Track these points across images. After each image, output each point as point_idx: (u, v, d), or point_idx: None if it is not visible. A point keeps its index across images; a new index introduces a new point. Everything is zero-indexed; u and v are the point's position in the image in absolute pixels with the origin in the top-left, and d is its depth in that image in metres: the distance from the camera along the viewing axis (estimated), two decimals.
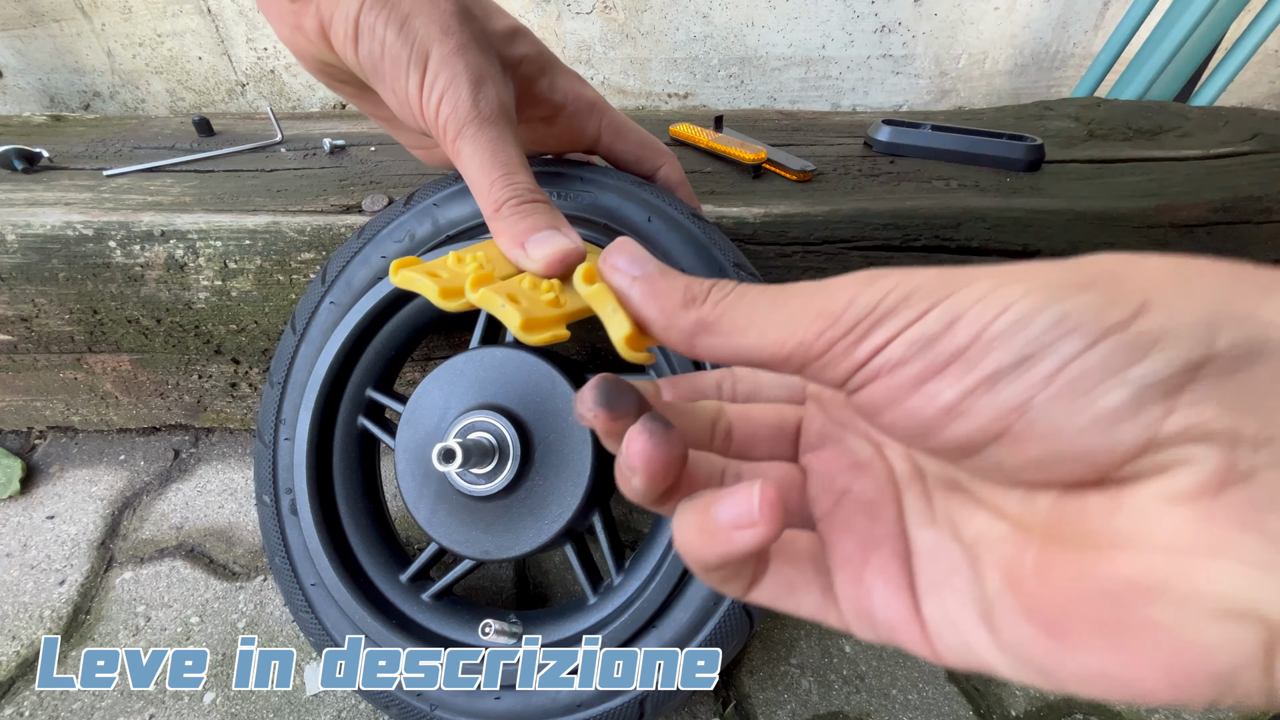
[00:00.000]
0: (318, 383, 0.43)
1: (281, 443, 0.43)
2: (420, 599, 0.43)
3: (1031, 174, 0.59)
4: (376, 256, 0.43)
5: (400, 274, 0.25)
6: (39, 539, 0.56)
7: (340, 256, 0.43)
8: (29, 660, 0.48)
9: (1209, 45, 1.03)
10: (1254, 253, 0.54)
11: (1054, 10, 1.18)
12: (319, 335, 0.43)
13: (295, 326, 0.44)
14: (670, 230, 0.39)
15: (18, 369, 0.58)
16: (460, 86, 0.30)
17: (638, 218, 0.39)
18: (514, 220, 0.28)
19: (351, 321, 0.42)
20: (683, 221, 0.39)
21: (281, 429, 0.43)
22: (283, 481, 0.43)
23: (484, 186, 0.30)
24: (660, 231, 0.39)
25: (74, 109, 1.20)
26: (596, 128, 0.38)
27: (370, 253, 0.43)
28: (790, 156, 0.58)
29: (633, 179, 0.40)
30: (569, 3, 1.12)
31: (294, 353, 0.44)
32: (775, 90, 1.24)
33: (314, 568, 0.42)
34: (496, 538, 0.38)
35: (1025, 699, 0.47)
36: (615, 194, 0.39)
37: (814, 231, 0.52)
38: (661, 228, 0.39)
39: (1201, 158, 0.61)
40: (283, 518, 0.43)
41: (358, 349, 0.44)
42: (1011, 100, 1.28)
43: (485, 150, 0.30)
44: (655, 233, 0.39)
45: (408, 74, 0.31)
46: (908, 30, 1.18)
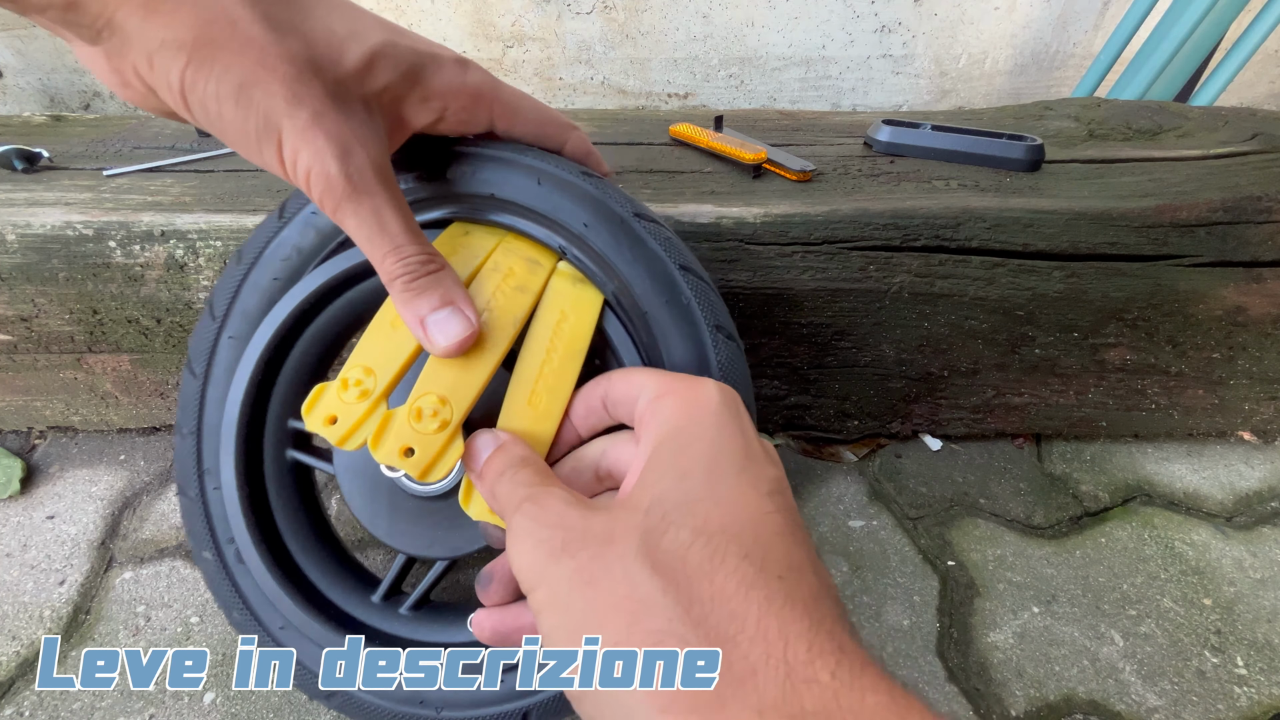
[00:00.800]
0: (232, 426, 0.39)
1: (210, 493, 0.40)
2: (399, 614, 0.41)
3: (1031, 174, 0.59)
4: (267, 279, 0.39)
5: (310, 423, 0.30)
6: (39, 539, 0.56)
7: (225, 286, 0.40)
8: (29, 660, 0.48)
9: (1209, 45, 1.03)
10: (1254, 252, 0.54)
11: (1054, 10, 1.18)
12: (223, 375, 0.40)
13: (194, 369, 0.40)
14: (560, 191, 0.36)
15: (18, 369, 0.58)
16: (326, 160, 0.27)
17: (526, 183, 0.37)
18: (409, 298, 0.29)
19: (255, 354, 0.39)
20: (573, 180, 0.36)
21: (207, 479, 0.40)
22: (221, 532, 0.40)
23: (376, 259, 0.30)
24: (551, 193, 0.36)
25: (74, 109, 1.20)
26: (487, 117, 0.35)
27: (258, 276, 0.39)
28: (790, 156, 0.58)
29: (519, 148, 0.37)
30: (569, 3, 1.12)
31: (200, 398, 0.40)
32: (775, 90, 1.24)
33: (278, 612, 0.39)
34: (465, 532, 0.37)
35: (1025, 699, 0.47)
36: (502, 165, 0.37)
37: (814, 231, 0.52)
38: (552, 189, 0.36)
39: (1202, 158, 0.61)
40: (230, 569, 0.40)
41: (268, 380, 0.41)
42: (1011, 100, 1.28)
43: (367, 224, 0.29)
44: (547, 195, 0.36)
45: (260, 149, 0.27)
46: (908, 30, 1.18)
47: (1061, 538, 0.58)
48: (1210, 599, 0.53)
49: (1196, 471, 0.64)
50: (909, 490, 0.61)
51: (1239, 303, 0.56)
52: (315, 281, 0.38)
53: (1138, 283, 0.55)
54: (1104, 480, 0.63)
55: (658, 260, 0.35)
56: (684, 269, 0.36)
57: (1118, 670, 0.48)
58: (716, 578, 0.20)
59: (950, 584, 0.54)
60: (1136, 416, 0.63)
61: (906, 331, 0.56)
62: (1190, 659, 0.49)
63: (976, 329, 0.56)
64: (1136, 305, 0.55)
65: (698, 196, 0.53)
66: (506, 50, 1.17)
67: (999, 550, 0.56)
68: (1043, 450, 0.66)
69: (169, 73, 0.25)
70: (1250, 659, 0.49)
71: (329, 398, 0.31)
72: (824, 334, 0.56)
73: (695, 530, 0.21)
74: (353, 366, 0.31)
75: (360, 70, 0.28)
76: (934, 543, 0.57)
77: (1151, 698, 0.47)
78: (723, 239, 0.51)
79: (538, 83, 1.21)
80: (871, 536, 0.57)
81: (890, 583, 0.54)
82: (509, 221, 0.36)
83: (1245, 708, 0.46)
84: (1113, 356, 0.58)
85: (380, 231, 0.29)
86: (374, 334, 0.32)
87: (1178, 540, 0.58)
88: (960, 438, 0.66)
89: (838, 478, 0.63)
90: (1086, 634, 0.50)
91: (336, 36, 0.28)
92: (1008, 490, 0.62)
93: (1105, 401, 0.62)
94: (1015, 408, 0.62)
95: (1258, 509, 0.61)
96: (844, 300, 0.54)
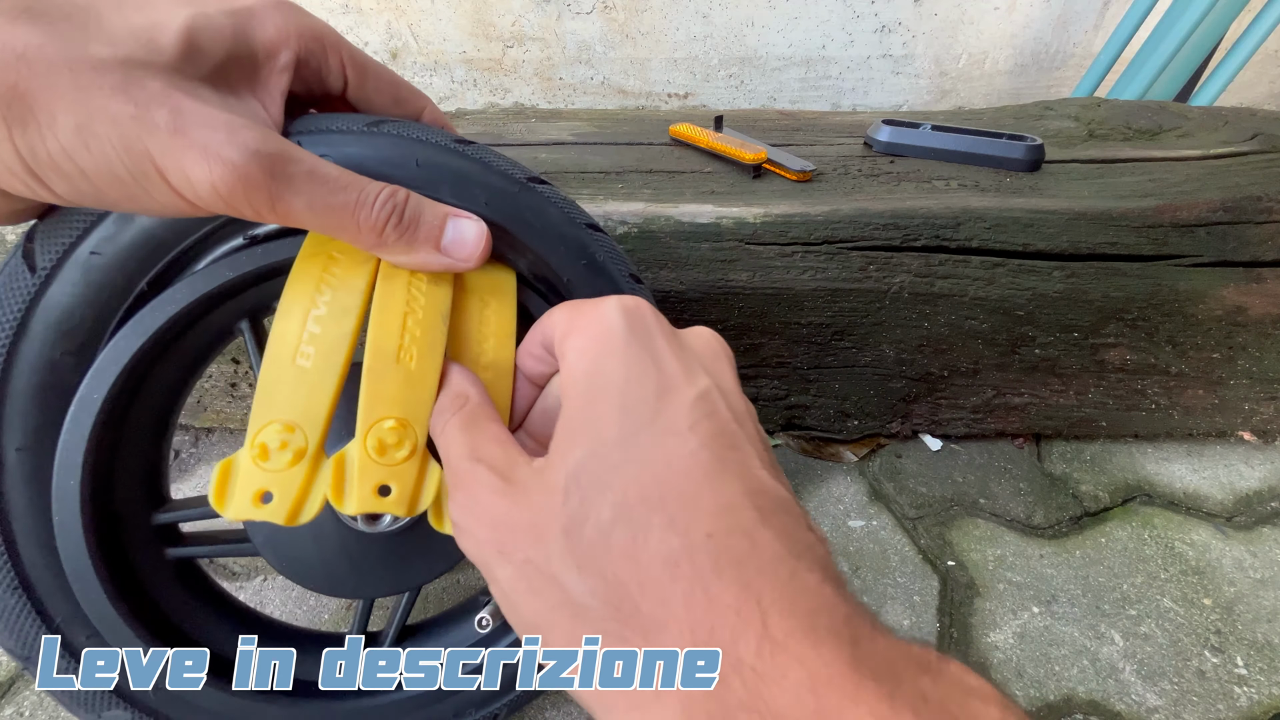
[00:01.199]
0: (90, 575, 0.30)
1: (87, 658, 0.32)
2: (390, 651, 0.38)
3: (1031, 174, 0.59)
4: (56, 353, 0.29)
5: (231, 511, 0.25)
6: None
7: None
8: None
9: (1209, 45, 1.04)
10: (1254, 252, 0.54)
11: (1054, 10, 1.18)
12: (26, 505, 0.30)
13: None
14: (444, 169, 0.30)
15: None
16: (221, 152, 0.22)
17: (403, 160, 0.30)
18: (408, 239, 0.26)
19: (72, 475, 0.29)
20: (459, 153, 0.30)
21: (79, 643, 0.32)
22: (138, 682, 0.34)
23: (346, 224, 0.25)
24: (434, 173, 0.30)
25: None
26: (339, 66, 0.29)
27: (33, 356, 0.29)
28: (790, 156, 0.58)
29: (379, 119, 0.30)
30: (569, 3, 1.12)
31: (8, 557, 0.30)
32: (775, 90, 1.24)
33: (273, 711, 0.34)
34: (433, 551, 0.34)
35: (1025, 699, 0.47)
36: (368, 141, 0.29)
37: (814, 231, 0.52)
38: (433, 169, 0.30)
39: (1201, 158, 0.61)
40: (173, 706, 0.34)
41: (103, 494, 0.31)
42: (1011, 100, 1.28)
43: (314, 193, 0.24)
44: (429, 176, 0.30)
45: (145, 189, 0.22)
46: (908, 30, 1.18)
47: (1061, 538, 0.58)
48: (1210, 599, 0.53)
49: (1196, 471, 0.64)
50: (909, 490, 0.61)
51: (1239, 303, 0.56)
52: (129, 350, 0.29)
53: (1138, 283, 0.55)
54: (1104, 480, 0.63)
55: (567, 224, 0.32)
56: (590, 228, 0.33)
57: (1118, 670, 0.48)
58: (641, 560, 0.18)
59: (950, 584, 0.54)
60: (1136, 416, 0.63)
61: (906, 331, 0.56)
62: (1190, 659, 0.49)
63: (976, 329, 0.56)
64: (1136, 305, 0.55)
65: (698, 196, 0.53)
66: (506, 50, 1.17)
67: (999, 550, 0.56)
68: (1043, 450, 0.66)
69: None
70: (1250, 659, 0.49)
71: (245, 474, 0.25)
72: (824, 334, 0.56)
73: (615, 506, 0.19)
74: (264, 427, 0.26)
75: (186, 52, 0.23)
76: (934, 543, 0.57)
77: (1151, 698, 0.47)
78: (723, 239, 0.51)
79: (538, 83, 1.21)
80: (871, 536, 0.57)
81: (890, 583, 0.54)
82: None
83: (1245, 708, 0.46)
84: (1113, 356, 0.58)
85: (331, 190, 0.24)
86: (274, 380, 0.26)
87: (1178, 540, 0.58)
88: (960, 438, 0.66)
89: (838, 478, 0.63)
90: (1086, 634, 0.50)
91: (139, 28, 0.22)
92: (1008, 490, 0.62)
93: (1105, 401, 0.62)
94: (1015, 408, 0.62)
95: (1258, 509, 0.61)
96: (844, 300, 0.54)
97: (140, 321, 0.29)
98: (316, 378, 0.26)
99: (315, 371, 0.26)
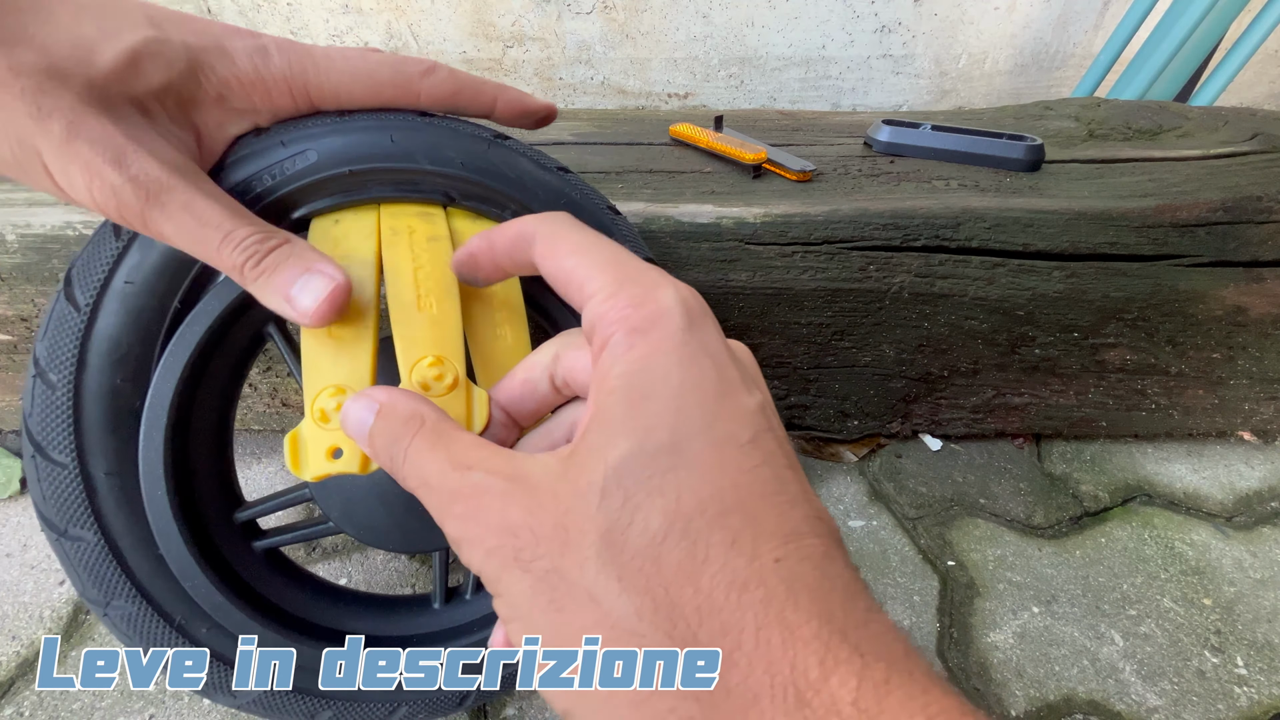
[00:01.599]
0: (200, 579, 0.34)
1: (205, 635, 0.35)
2: (440, 612, 0.41)
3: (1031, 174, 0.59)
4: (115, 381, 0.32)
5: (307, 472, 0.27)
6: (39, 539, 0.56)
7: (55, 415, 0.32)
8: (29, 660, 0.48)
9: (1209, 45, 1.03)
10: (1254, 252, 0.54)
11: (1054, 10, 1.18)
12: (127, 522, 0.33)
13: (71, 531, 0.33)
14: (419, 139, 0.32)
15: (18, 369, 0.58)
16: (101, 171, 0.24)
17: (378, 142, 0.32)
18: (263, 282, 0.26)
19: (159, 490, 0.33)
20: (431, 124, 0.33)
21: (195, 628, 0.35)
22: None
23: (210, 256, 0.26)
24: (410, 143, 0.33)
25: None
26: (307, 103, 0.30)
27: (97, 385, 0.32)
28: (790, 156, 0.58)
29: (364, 115, 0.32)
30: (569, 3, 1.12)
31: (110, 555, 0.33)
32: (775, 90, 1.24)
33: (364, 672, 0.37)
34: None
35: (1025, 699, 0.47)
36: (343, 132, 0.32)
37: (814, 231, 0.52)
38: (409, 139, 0.32)
39: (1201, 158, 0.61)
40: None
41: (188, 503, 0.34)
42: (1011, 100, 1.28)
43: (182, 224, 0.25)
44: (405, 148, 0.32)
45: (33, 179, 0.25)
46: (908, 30, 1.18)
47: (1061, 538, 0.58)
48: (1210, 599, 0.53)
49: (1196, 471, 0.64)
50: (909, 490, 0.61)
51: (1239, 303, 0.56)
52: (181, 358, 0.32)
53: (1138, 283, 0.55)
54: (1104, 480, 0.63)
55: (539, 170, 0.35)
56: (560, 170, 0.35)
57: (1118, 670, 0.48)
58: (701, 581, 0.16)
59: (950, 584, 0.54)
60: (1136, 416, 0.63)
61: (906, 331, 0.56)
62: (1190, 659, 0.49)
63: (976, 329, 0.56)
64: (1136, 305, 0.55)
65: (698, 196, 0.53)
66: (506, 50, 1.17)
67: (999, 550, 0.56)
68: (1043, 450, 0.66)
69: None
70: (1250, 659, 0.49)
71: (313, 437, 0.28)
72: (824, 334, 0.56)
73: (667, 515, 0.17)
74: (319, 394, 0.28)
75: (120, 70, 0.25)
76: (934, 543, 0.57)
77: (1151, 698, 0.47)
78: (723, 239, 0.51)
79: (538, 82, 1.21)
80: (872, 536, 0.57)
81: (890, 583, 0.54)
82: (378, 193, 0.32)
83: (1245, 708, 0.46)
84: (1113, 356, 0.59)
85: (200, 224, 0.26)
86: (316, 353, 0.28)
87: (1178, 540, 0.58)
88: (960, 438, 0.66)
89: (838, 477, 0.63)
90: (1086, 634, 0.50)
91: (85, 39, 0.25)
92: (1008, 490, 0.62)
93: (1105, 401, 0.62)
94: (1015, 408, 0.62)
95: (1258, 509, 0.61)
96: (844, 300, 0.54)
97: (181, 338, 0.32)
98: (352, 343, 0.28)
99: (350, 338, 0.28)
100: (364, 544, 0.37)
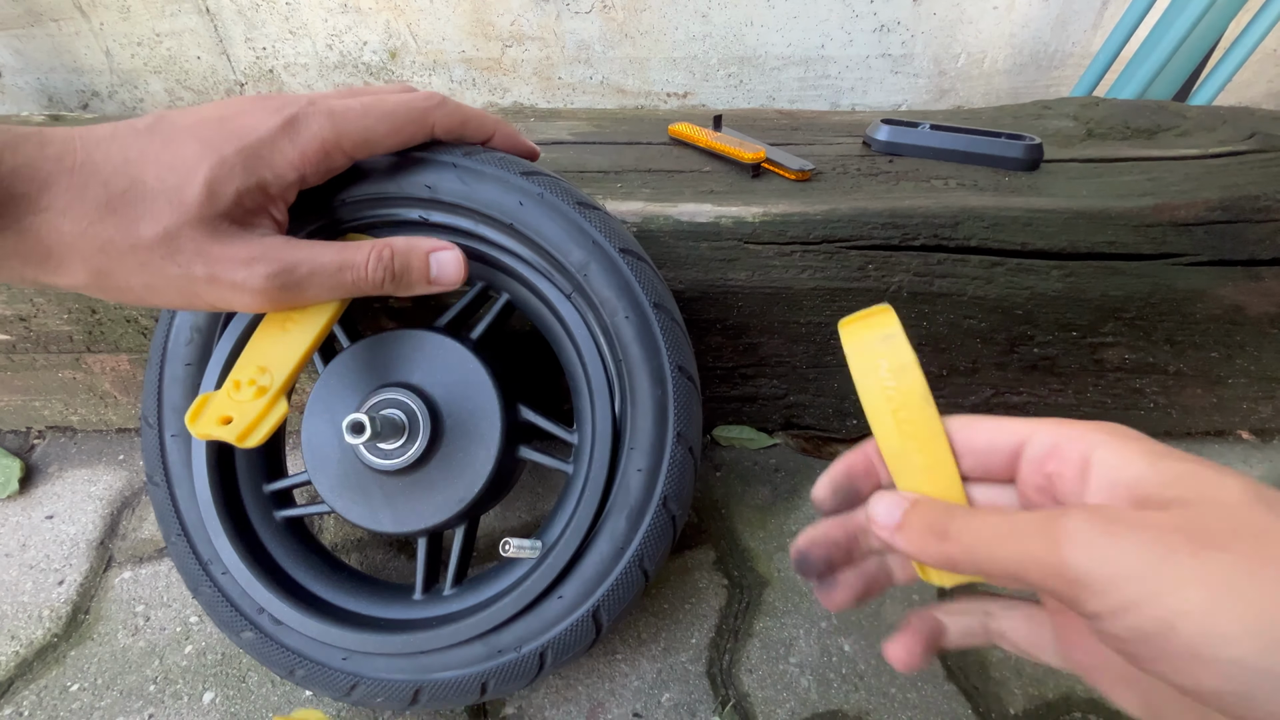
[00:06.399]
0: (216, 523, 0.42)
1: (221, 578, 0.42)
2: (444, 597, 0.43)
3: (1030, 173, 0.59)
4: (180, 369, 0.42)
5: (198, 429, 0.33)
6: (38, 539, 0.56)
7: (149, 392, 0.43)
8: (28, 660, 0.48)
9: (1207, 44, 1.04)
10: (1252, 251, 0.54)
11: (1053, 9, 1.18)
12: (183, 474, 0.42)
13: (155, 479, 0.43)
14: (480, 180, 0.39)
15: (16, 369, 0.58)
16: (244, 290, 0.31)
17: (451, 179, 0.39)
18: (405, 285, 0.34)
19: (201, 455, 0.42)
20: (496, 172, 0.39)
21: (213, 568, 0.42)
22: (249, 608, 0.42)
23: (355, 292, 0.33)
24: (471, 183, 0.40)
25: (72, 108, 1.20)
26: (344, 160, 0.35)
27: (172, 370, 0.42)
28: (789, 156, 0.58)
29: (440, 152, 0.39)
30: (568, 2, 1.12)
31: (173, 505, 0.42)
32: (774, 89, 1.24)
33: (337, 648, 0.41)
34: (433, 501, 0.40)
35: (1024, 697, 0.47)
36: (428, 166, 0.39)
37: (813, 231, 0.52)
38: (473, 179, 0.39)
39: (1200, 157, 0.61)
40: (275, 636, 0.41)
41: (227, 469, 0.43)
42: (1010, 99, 1.28)
43: (319, 284, 0.32)
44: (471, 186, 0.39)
45: (194, 307, 0.32)
46: (906, 30, 1.18)
47: None
48: None
49: None
50: None
51: (1237, 302, 0.56)
52: (220, 361, 0.41)
53: (1136, 282, 0.55)
54: None
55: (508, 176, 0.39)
56: (525, 175, 0.39)
57: None
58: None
59: None
60: (1135, 416, 0.63)
61: (905, 331, 0.56)
62: None
63: (975, 328, 0.56)
64: (1135, 304, 0.55)
65: (697, 196, 0.53)
66: (505, 49, 1.17)
67: None
68: None
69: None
70: None
71: (219, 402, 0.33)
72: (823, 333, 0.56)
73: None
74: (244, 367, 0.34)
75: (205, 199, 0.30)
76: None
77: None
78: (722, 238, 0.51)
79: (537, 82, 1.21)
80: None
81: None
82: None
83: None
84: (1111, 356, 0.59)
85: (332, 275, 0.32)
86: (264, 336, 0.34)
87: None
88: None
89: None
90: None
91: (173, 190, 0.30)
92: None
93: (1104, 401, 0.62)
94: (1014, 407, 0.62)
95: None
96: (843, 300, 0.54)
97: (230, 332, 0.41)
98: (298, 335, 0.34)
99: (298, 332, 0.34)
100: (354, 523, 0.41)
